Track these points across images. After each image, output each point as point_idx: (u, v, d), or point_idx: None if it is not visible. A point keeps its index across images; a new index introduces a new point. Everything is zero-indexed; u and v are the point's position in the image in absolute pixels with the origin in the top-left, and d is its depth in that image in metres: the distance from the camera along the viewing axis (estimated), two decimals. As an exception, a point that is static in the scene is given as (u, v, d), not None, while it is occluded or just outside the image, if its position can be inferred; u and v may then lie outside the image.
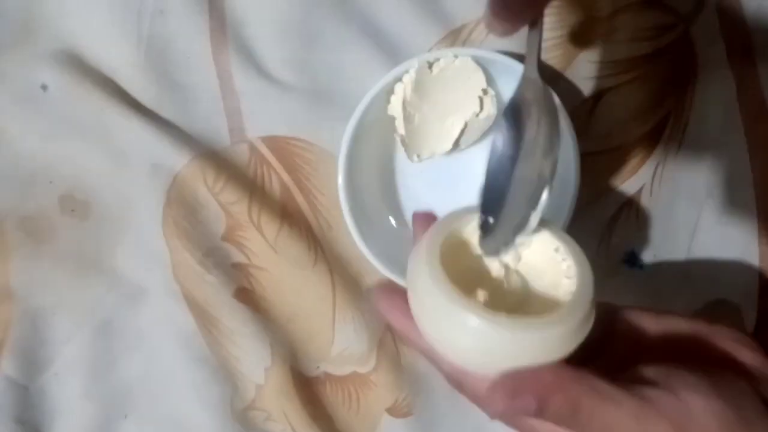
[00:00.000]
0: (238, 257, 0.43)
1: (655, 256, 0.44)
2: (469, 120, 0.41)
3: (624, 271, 0.43)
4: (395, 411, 0.43)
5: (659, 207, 0.44)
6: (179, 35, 0.42)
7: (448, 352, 0.27)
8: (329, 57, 0.43)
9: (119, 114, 0.41)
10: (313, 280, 0.43)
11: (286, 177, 0.43)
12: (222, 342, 0.43)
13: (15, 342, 0.41)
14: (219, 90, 0.43)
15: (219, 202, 0.42)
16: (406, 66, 0.39)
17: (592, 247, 0.43)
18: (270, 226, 0.42)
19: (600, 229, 0.43)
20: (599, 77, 0.43)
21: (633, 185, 0.44)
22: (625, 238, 0.43)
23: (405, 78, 0.39)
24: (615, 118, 0.43)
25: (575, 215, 0.40)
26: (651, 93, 0.43)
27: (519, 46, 0.42)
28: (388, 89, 0.40)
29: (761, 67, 0.43)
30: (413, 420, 0.43)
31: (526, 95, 0.30)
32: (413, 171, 0.43)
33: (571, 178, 0.39)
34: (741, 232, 0.44)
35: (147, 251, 0.42)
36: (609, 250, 0.43)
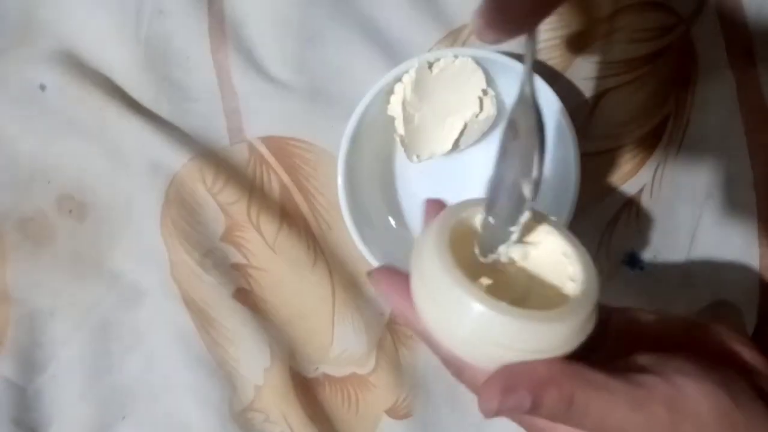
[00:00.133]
0: (236, 258, 0.43)
1: (656, 257, 0.44)
2: (469, 120, 0.41)
3: (624, 272, 0.43)
4: (394, 412, 0.43)
5: (659, 208, 0.44)
6: (178, 35, 0.42)
7: (446, 339, 0.27)
8: (329, 57, 0.42)
9: (118, 114, 0.41)
10: (313, 280, 0.43)
11: (285, 177, 0.43)
12: (221, 343, 0.42)
13: (12, 343, 0.41)
14: (218, 90, 0.42)
15: (218, 202, 0.42)
16: (405, 66, 0.39)
17: (592, 248, 0.43)
18: (269, 226, 0.42)
19: (600, 230, 0.43)
20: (600, 78, 0.42)
21: (633, 186, 0.43)
22: (626, 239, 0.43)
23: (405, 78, 0.39)
24: (615, 118, 0.43)
25: (575, 216, 0.40)
26: (651, 94, 0.43)
27: (519, 46, 0.41)
28: (387, 89, 0.40)
29: (762, 68, 0.43)
30: (412, 421, 0.43)
31: (517, 113, 0.29)
32: (413, 171, 0.43)
33: (572, 178, 0.39)
34: (741, 233, 0.44)
35: (145, 252, 0.42)
36: (609, 251, 0.43)
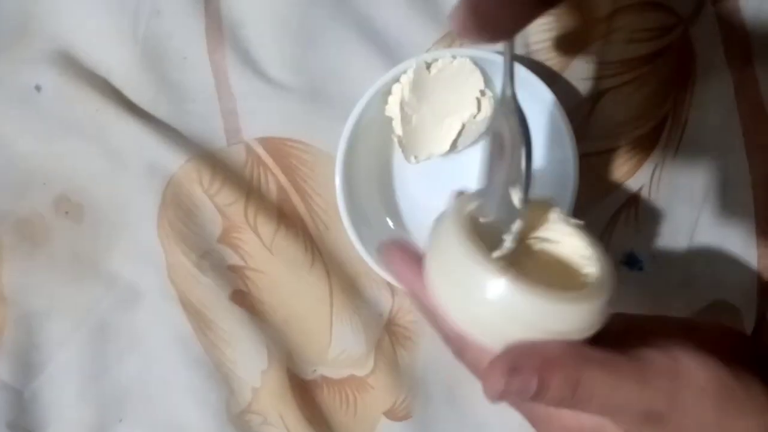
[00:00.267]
0: (234, 259, 0.43)
1: (654, 257, 0.44)
2: (467, 121, 0.41)
3: (623, 272, 0.43)
4: (393, 414, 0.43)
5: (658, 208, 0.44)
6: (175, 36, 0.42)
7: (460, 316, 0.26)
8: (326, 57, 0.42)
9: (114, 115, 0.41)
10: (310, 282, 0.43)
11: (282, 178, 0.43)
12: (218, 345, 0.42)
13: (8, 346, 0.41)
14: (215, 91, 0.42)
15: (215, 203, 0.42)
16: (403, 66, 0.39)
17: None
18: (266, 227, 0.42)
19: (599, 231, 0.43)
20: (598, 78, 0.42)
21: (632, 186, 0.43)
22: (624, 239, 0.43)
23: (403, 79, 0.39)
24: (614, 119, 0.43)
25: (574, 216, 0.39)
26: (650, 94, 0.43)
27: (518, 46, 0.41)
28: (385, 90, 0.40)
29: (759, 69, 0.43)
30: (411, 423, 0.43)
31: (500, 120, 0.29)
32: (410, 172, 0.43)
33: (570, 179, 0.39)
34: (739, 233, 0.44)
35: (142, 253, 0.42)
36: (608, 251, 0.43)
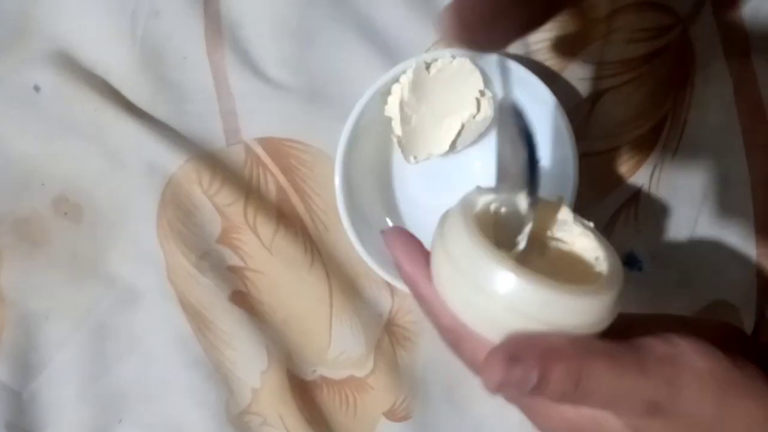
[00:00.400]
0: (233, 260, 0.43)
1: (654, 257, 0.44)
2: (466, 121, 0.41)
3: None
4: (393, 414, 0.43)
5: (657, 208, 0.44)
6: (174, 36, 0.42)
7: (463, 308, 0.26)
8: (325, 57, 0.42)
9: (113, 115, 0.41)
10: (310, 282, 0.42)
11: (282, 179, 0.43)
12: (217, 345, 0.42)
13: (7, 346, 0.41)
14: (214, 91, 0.42)
15: (214, 204, 0.42)
16: (403, 66, 0.39)
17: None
18: (266, 228, 0.42)
19: (598, 231, 0.43)
20: (597, 78, 0.42)
21: (631, 186, 0.43)
22: (624, 239, 0.43)
23: (402, 79, 0.39)
24: (613, 119, 0.43)
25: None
26: (649, 94, 0.43)
27: (518, 46, 0.41)
28: (385, 90, 0.40)
29: (758, 69, 0.43)
30: (411, 423, 0.43)
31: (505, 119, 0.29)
32: (410, 172, 0.43)
33: (570, 179, 0.39)
34: (739, 233, 0.44)
35: (141, 254, 0.42)
36: (609, 251, 0.43)
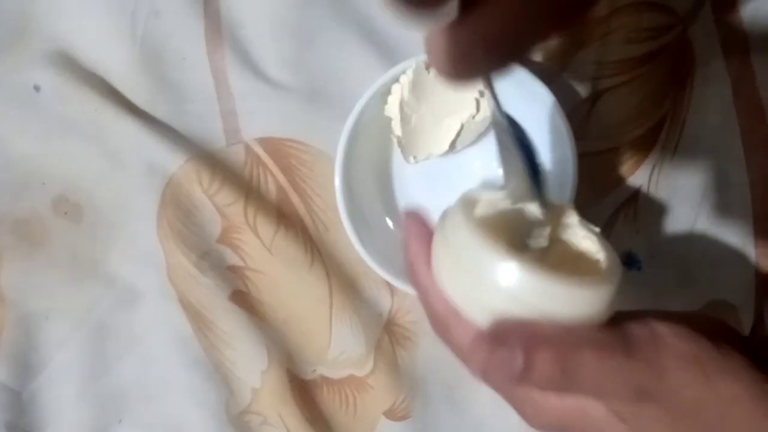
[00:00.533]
0: (233, 260, 0.43)
1: (653, 257, 0.44)
2: (466, 122, 0.41)
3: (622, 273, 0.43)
4: (393, 414, 0.43)
5: (656, 208, 0.44)
6: (174, 36, 0.42)
7: (463, 299, 0.26)
8: (325, 57, 0.42)
9: (113, 115, 0.41)
10: (310, 282, 0.42)
11: (282, 179, 0.43)
12: (217, 345, 0.42)
13: (7, 347, 0.41)
14: (214, 91, 0.42)
15: (214, 203, 0.42)
16: (403, 66, 0.39)
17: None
18: (266, 228, 0.42)
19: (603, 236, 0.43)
20: (597, 78, 0.42)
21: (630, 186, 0.43)
22: (623, 239, 0.43)
23: (402, 79, 0.39)
24: (613, 119, 0.43)
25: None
26: (649, 94, 0.43)
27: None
28: (384, 90, 0.40)
29: (758, 69, 0.43)
30: (411, 423, 0.43)
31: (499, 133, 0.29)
32: (410, 172, 0.43)
33: (569, 179, 0.39)
34: (737, 232, 0.44)
35: (141, 254, 0.42)
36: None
